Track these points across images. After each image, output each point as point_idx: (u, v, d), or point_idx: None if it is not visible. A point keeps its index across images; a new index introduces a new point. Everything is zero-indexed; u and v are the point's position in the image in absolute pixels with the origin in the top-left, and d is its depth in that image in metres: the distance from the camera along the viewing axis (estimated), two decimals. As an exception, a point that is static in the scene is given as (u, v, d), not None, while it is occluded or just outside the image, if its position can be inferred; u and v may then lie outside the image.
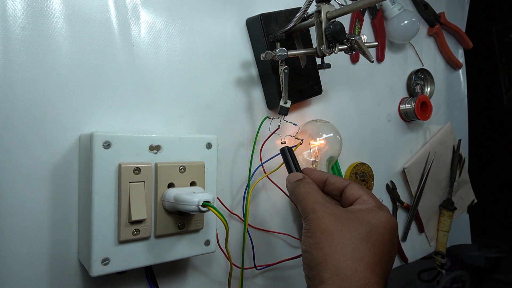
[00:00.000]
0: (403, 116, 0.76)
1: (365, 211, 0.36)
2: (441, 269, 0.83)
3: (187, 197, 0.35)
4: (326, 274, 0.32)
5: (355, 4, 0.43)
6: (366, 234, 0.33)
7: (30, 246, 0.36)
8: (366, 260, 0.32)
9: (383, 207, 0.37)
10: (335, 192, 0.41)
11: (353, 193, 0.39)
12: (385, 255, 0.34)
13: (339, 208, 0.36)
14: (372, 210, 0.36)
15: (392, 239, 0.35)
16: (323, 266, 0.32)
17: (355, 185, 0.40)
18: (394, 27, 0.71)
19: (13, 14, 0.35)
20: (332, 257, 0.32)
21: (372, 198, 0.38)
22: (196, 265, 0.47)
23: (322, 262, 0.32)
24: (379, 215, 0.35)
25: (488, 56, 1.76)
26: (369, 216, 0.35)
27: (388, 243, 0.34)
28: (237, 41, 0.52)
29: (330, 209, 0.35)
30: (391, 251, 0.35)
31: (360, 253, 0.32)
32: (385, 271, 0.34)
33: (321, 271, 0.32)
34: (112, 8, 0.41)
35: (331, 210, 0.35)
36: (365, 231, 0.34)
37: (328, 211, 0.35)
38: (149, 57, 0.44)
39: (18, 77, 0.36)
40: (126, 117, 0.42)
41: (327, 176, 0.42)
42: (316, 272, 0.32)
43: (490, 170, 1.72)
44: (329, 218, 0.34)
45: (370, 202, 0.37)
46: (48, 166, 0.37)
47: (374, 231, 0.34)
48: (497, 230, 1.73)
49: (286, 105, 0.48)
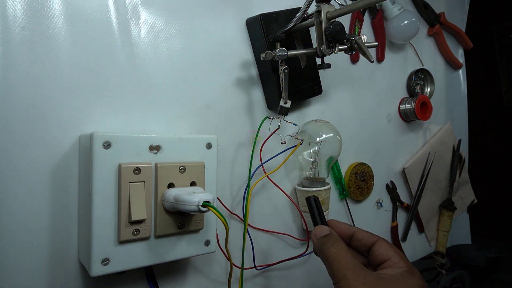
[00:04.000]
0: (403, 116, 0.76)
1: (397, 279, 0.35)
2: (441, 269, 0.83)
3: (187, 197, 0.35)
4: None
5: (355, 4, 0.43)
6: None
7: (30, 246, 0.36)
8: None
9: (414, 271, 0.36)
10: (362, 248, 0.40)
11: (382, 253, 0.38)
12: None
13: (371, 275, 0.35)
14: (404, 277, 0.35)
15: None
16: None
17: (384, 244, 0.39)
18: (394, 27, 0.71)
19: (13, 14, 0.35)
20: None
21: (403, 260, 0.37)
22: (196, 265, 0.47)
23: None
24: (411, 282, 0.35)
25: (488, 56, 1.76)
26: (402, 284, 0.34)
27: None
28: (237, 41, 0.52)
29: (362, 277, 0.34)
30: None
31: None
32: None
33: None
34: (112, 8, 0.41)
35: (364, 279, 0.34)
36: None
37: (361, 280, 0.34)
38: (149, 57, 0.44)
39: (18, 77, 0.36)
40: (126, 117, 0.42)
41: (353, 231, 0.41)
42: None
43: (490, 170, 1.72)
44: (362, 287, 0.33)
45: (401, 266, 0.36)
46: (48, 166, 0.37)
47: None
48: (497, 230, 1.73)
49: (286, 105, 0.48)
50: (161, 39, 0.45)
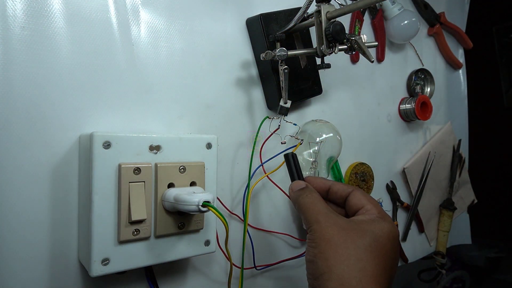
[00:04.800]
0: (403, 116, 0.76)
1: (368, 222, 0.36)
2: (441, 269, 0.83)
3: (187, 197, 0.35)
4: (331, 284, 0.32)
5: (355, 4, 0.43)
6: (370, 244, 0.34)
7: (30, 246, 0.36)
8: (370, 271, 0.32)
9: (386, 217, 0.37)
10: (338, 200, 0.41)
11: (356, 202, 0.39)
12: (388, 265, 0.34)
13: (342, 219, 0.36)
14: (375, 221, 0.36)
15: (395, 249, 0.36)
16: (328, 276, 0.32)
17: (358, 193, 0.40)
18: (394, 27, 0.71)
19: (13, 14, 0.35)
20: (337, 267, 0.32)
21: (376, 207, 0.38)
22: (196, 265, 0.47)
23: (327, 272, 0.33)
24: (381, 225, 0.36)
25: (488, 56, 1.76)
26: (372, 226, 0.35)
27: (391, 253, 0.35)
28: (237, 41, 0.52)
29: (333, 220, 0.36)
30: (394, 261, 0.36)
31: (364, 264, 0.33)
32: (388, 281, 0.34)
33: (326, 280, 0.32)
34: (112, 8, 0.41)
35: (335, 221, 0.35)
36: (368, 241, 0.34)
37: (332, 222, 0.35)
38: (149, 57, 0.44)
39: (18, 77, 0.36)
40: (126, 117, 0.42)
41: (330, 184, 0.42)
42: (321, 282, 0.33)
43: (490, 170, 1.72)
44: (333, 228, 0.35)
45: (373, 212, 0.37)
46: (48, 166, 0.37)
47: (377, 242, 0.34)
48: (497, 230, 1.73)
49: (286, 105, 0.48)
50: (161, 39, 0.45)
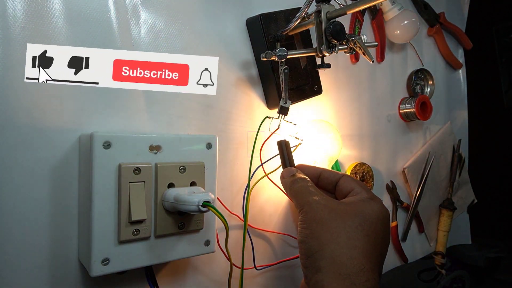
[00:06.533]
0: (403, 116, 0.76)
1: (358, 203, 0.37)
2: (441, 269, 0.83)
3: (187, 197, 0.35)
4: (322, 262, 0.33)
5: (355, 4, 0.43)
6: (360, 223, 0.35)
7: (30, 246, 0.36)
8: (361, 248, 0.33)
9: (375, 198, 0.39)
10: (329, 187, 0.43)
11: (346, 186, 0.40)
12: (379, 243, 0.35)
13: (333, 201, 0.38)
14: (364, 201, 0.37)
15: (385, 228, 0.37)
16: (319, 254, 0.33)
17: (347, 178, 0.41)
18: (394, 27, 0.71)
19: (13, 14, 0.35)
20: (328, 246, 0.33)
21: (365, 189, 0.39)
22: (196, 265, 0.47)
23: (319, 251, 0.34)
24: (371, 205, 0.37)
25: (488, 56, 1.76)
26: (362, 207, 0.37)
27: (381, 231, 0.36)
28: (237, 41, 0.52)
29: (324, 201, 0.37)
30: (384, 239, 0.37)
31: (355, 241, 0.34)
32: (379, 258, 0.35)
33: (318, 259, 0.33)
34: (112, 8, 0.41)
35: (326, 202, 0.37)
36: (358, 221, 0.35)
37: (323, 203, 0.37)
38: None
39: (18, 77, 0.36)
40: (126, 117, 0.42)
41: (320, 171, 0.43)
42: (313, 260, 0.34)
43: (490, 170, 1.72)
44: (323, 209, 0.36)
45: (362, 194, 0.39)
46: (48, 166, 0.37)
47: (367, 221, 0.35)
48: (497, 230, 1.73)
49: (286, 105, 0.48)
50: (161, 39, 0.45)
